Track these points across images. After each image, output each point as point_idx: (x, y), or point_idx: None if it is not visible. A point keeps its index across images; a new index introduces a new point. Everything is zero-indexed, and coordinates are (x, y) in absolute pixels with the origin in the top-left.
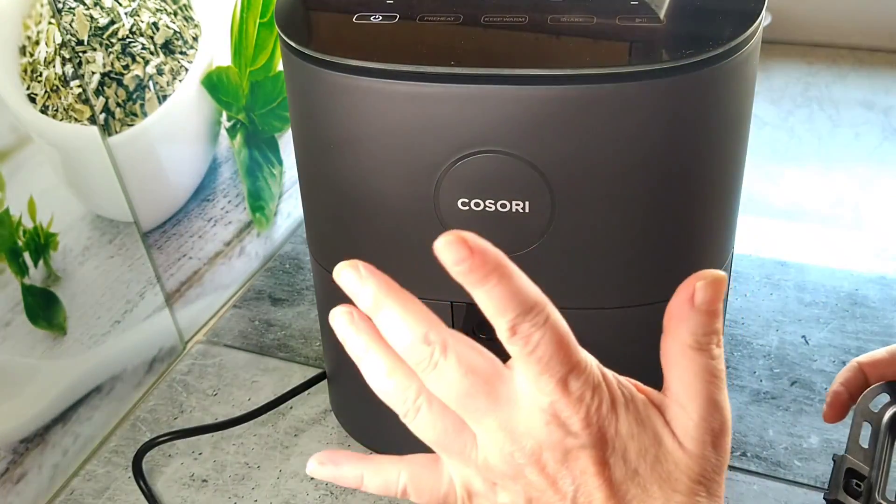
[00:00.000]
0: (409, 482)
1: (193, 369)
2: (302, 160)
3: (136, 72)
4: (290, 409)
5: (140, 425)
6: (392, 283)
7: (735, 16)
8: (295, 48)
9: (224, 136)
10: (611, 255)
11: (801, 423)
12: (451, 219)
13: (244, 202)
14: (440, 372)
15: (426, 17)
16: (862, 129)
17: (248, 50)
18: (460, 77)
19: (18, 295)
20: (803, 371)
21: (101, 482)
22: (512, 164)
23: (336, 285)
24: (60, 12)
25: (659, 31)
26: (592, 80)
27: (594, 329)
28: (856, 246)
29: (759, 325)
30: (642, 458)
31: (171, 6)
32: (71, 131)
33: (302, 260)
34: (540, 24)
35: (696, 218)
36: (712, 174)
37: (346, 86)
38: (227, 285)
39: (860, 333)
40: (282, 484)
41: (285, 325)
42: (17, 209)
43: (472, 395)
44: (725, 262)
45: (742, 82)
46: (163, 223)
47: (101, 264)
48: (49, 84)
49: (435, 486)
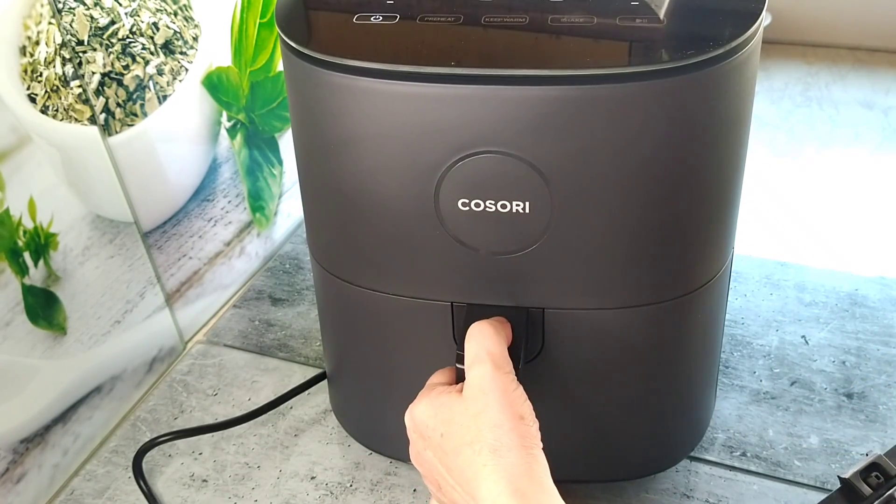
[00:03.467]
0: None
1: (193, 369)
2: (302, 160)
3: (137, 72)
4: (290, 409)
5: (140, 425)
6: None
7: (735, 16)
8: (295, 48)
9: (224, 136)
10: (611, 256)
11: (801, 423)
12: (452, 219)
13: (244, 202)
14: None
15: (426, 17)
16: (862, 129)
17: (248, 50)
18: (461, 77)
19: (18, 295)
20: (803, 371)
21: (101, 482)
22: (512, 164)
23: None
24: (60, 12)
25: (659, 31)
26: (593, 81)
27: (594, 329)
28: (856, 246)
29: (759, 325)
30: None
31: (171, 6)
32: (71, 131)
33: (302, 260)
34: (540, 25)
35: (697, 218)
36: (712, 174)
37: (347, 86)
38: (227, 285)
39: (860, 333)
40: (282, 484)
41: (285, 325)
42: (18, 209)
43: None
44: (725, 262)
45: (742, 82)
46: (163, 223)
47: (102, 264)
48: (49, 84)
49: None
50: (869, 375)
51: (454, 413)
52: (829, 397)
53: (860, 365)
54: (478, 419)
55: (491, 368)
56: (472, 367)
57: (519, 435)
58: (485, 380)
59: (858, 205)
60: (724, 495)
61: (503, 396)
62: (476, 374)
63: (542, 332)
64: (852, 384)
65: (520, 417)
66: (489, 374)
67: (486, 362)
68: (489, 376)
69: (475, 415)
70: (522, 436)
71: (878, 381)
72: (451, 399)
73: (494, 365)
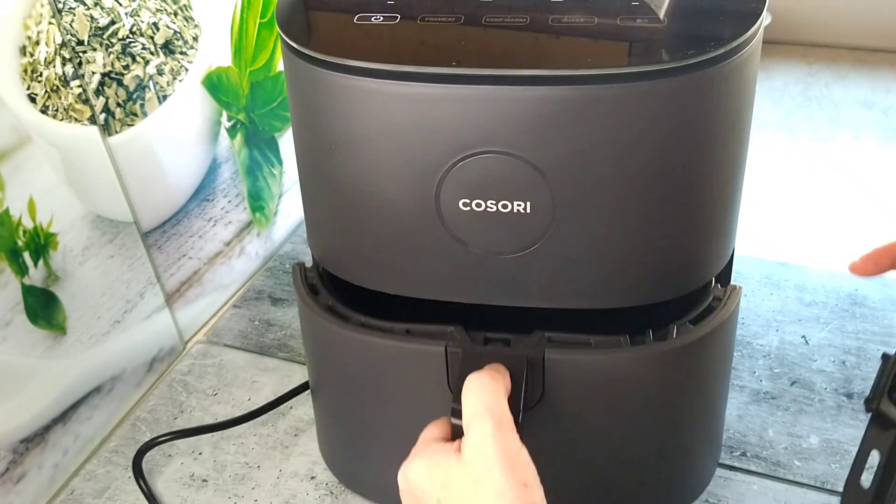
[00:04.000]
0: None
1: (193, 369)
2: (302, 160)
3: (137, 72)
4: (290, 409)
5: (140, 425)
6: None
7: (736, 16)
8: (295, 48)
9: (224, 136)
10: (611, 256)
11: (801, 423)
12: (453, 219)
13: (244, 202)
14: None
15: (427, 17)
16: (862, 129)
17: (248, 50)
18: (462, 77)
19: (18, 295)
20: (803, 371)
21: (101, 482)
22: (513, 164)
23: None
24: (61, 12)
25: (660, 31)
26: (593, 81)
27: (596, 375)
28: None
29: (759, 325)
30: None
31: (171, 6)
32: (71, 131)
33: (302, 260)
34: (541, 25)
35: (697, 218)
36: (713, 174)
37: (347, 86)
38: (227, 285)
39: (860, 333)
40: (282, 484)
41: (285, 325)
42: (17, 209)
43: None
44: (725, 263)
45: (742, 82)
46: (163, 223)
47: (101, 264)
48: (49, 84)
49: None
50: (869, 375)
51: (453, 476)
52: (829, 397)
53: (860, 365)
54: (479, 486)
55: (492, 428)
56: (472, 424)
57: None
58: (486, 441)
59: (858, 205)
60: (724, 495)
61: (506, 461)
62: (476, 433)
63: (542, 379)
64: (852, 384)
65: (524, 485)
66: (490, 434)
67: (487, 420)
68: (491, 437)
69: (476, 481)
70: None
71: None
72: (449, 459)
73: (496, 423)
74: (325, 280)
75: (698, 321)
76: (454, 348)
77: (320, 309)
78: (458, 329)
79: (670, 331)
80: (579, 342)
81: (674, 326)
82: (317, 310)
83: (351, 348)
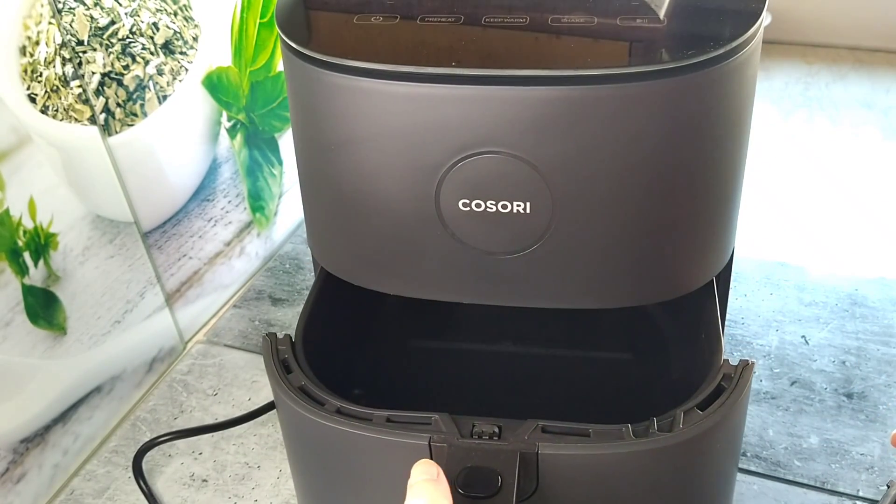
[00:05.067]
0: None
1: (193, 369)
2: (302, 160)
3: (136, 72)
4: None
5: (140, 425)
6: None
7: (736, 16)
8: (295, 48)
9: (224, 136)
10: (611, 256)
11: (800, 423)
12: (452, 220)
13: (244, 202)
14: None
15: (427, 17)
16: (862, 129)
17: (248, 50)
18: (461, 78)
19: (18, 295)
20: (803, 371)
21: (101, 482)
22: (513, 164)
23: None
24: (60, 12)
25: (660, 31)
26: (593, 81)
27: (590, 468)
28: (856, 246)
29: (759, 325)
30: None
31: (171, 6)
32: (71, 131)
33: (302, 260)
34: (541, 25)
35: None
36: (713, 174)
37: (347, 86)
38: (227, 285)
39: (860, 333)
40: (282, 484)
41: (285, 326)
42: (18, 209)
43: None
44: (725, 263)
45: (742, 82)
46: (163, 223)
47: (101, 264)
48: (49, 84)
49: None
50: (869, 375)
51: None
52: (829, 397)
53: (860, 365)
54: None
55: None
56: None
57: None
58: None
59: (858, 205)
60: None
61: None
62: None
63: (536, 473)
64: (852, 384)
65: None
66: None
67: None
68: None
69: None
70: None
71: (878, 381)
72: None
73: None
74: (299, 354)
75: (706, 405)
76: (439, 442)
77: (291, 391)
78: (443, 417)
79: (676, 418)
80: (576, 432)
81: (680, 413)
82: (288, 392)
83: (326, 436)
